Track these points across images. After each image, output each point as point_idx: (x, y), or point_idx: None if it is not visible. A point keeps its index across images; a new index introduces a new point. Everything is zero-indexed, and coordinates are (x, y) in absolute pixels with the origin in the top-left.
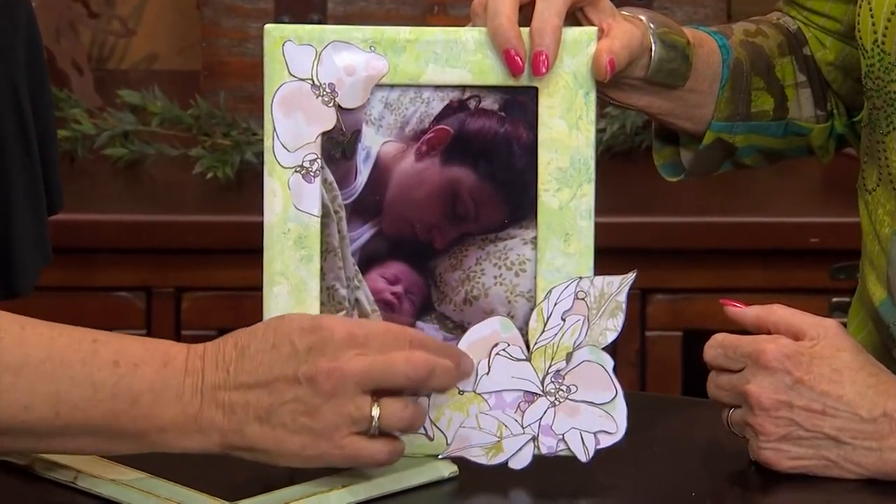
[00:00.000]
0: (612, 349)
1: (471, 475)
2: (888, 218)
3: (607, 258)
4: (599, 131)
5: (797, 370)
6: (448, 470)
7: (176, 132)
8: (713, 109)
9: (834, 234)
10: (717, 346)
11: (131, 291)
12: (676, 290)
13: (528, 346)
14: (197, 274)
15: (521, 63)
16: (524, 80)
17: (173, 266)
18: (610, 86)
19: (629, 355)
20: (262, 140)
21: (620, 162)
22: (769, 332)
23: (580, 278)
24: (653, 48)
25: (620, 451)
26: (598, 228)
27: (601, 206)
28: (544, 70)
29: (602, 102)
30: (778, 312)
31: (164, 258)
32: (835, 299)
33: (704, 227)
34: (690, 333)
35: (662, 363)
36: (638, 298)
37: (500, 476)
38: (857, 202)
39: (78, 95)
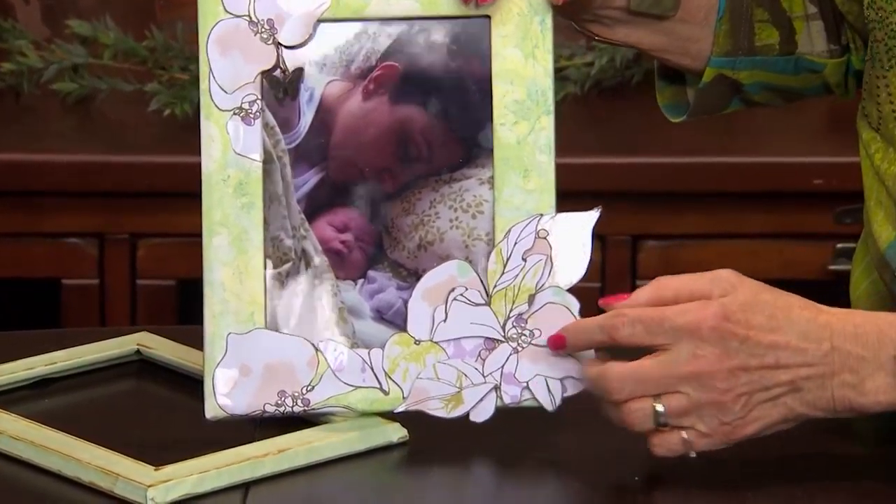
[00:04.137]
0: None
1: (423, 440)
2: (894, 154)
3: (594, 202)
4: (587, 65)
5: (739, 328)
6: (397, 434)
7: (130, 66)
8: (711, 44)
9: (839, 174)
10: (632, 323)
11: (83, 238)
12: (669, 237)
13: (487, 290)
14: (153, 219)
15: None
16: (475, 9)
17: (128, 210)
18: (590, 20)
19: None
20: None
21: (609, 98)
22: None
23: (541, 215)
24: None
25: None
26: (585, 170)
27: (588, 146)
28: None
29: (587, 36)
30: (671, 284)
31: (118, 202)
32: (840, 245)
33: (699, 167)
34: None
35: None
36: (628, 245)
37: (456, 439)
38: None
39: (23, 25)
